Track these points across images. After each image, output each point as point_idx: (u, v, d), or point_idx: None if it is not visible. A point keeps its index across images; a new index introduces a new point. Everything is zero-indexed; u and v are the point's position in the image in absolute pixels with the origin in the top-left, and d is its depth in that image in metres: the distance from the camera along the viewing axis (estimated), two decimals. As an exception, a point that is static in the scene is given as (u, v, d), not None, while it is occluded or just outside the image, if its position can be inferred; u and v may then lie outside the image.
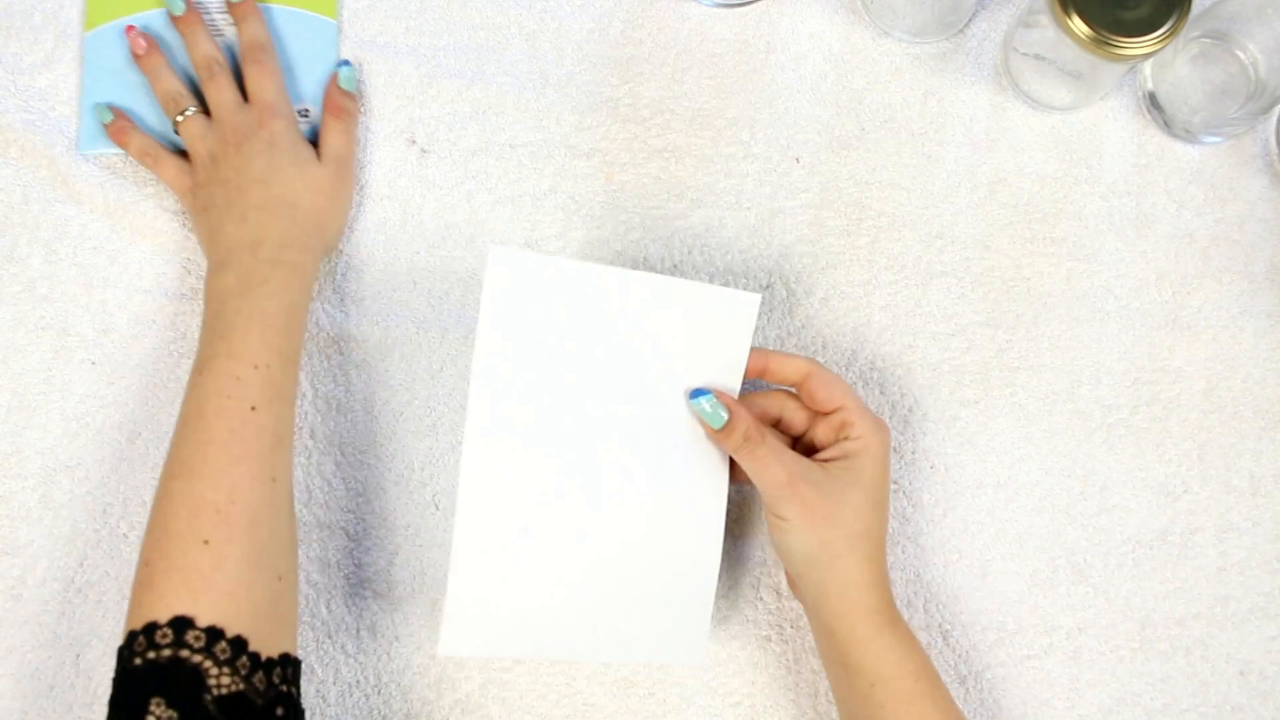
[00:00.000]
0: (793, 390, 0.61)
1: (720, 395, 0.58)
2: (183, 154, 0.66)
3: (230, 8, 0.68)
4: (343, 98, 0.67)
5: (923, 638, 0.64)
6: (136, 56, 0.67)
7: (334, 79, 0.68)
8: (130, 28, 0.67)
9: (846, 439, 0.58)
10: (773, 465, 0.56)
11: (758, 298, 0.59)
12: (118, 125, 0.66)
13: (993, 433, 0.67)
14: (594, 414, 0.58)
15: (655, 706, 0.64)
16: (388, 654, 0.64)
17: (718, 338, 0.59)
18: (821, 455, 0.59)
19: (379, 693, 0.63)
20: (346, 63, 0.68)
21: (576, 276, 0.57)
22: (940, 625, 0.65)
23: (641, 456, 0.59)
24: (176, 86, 0.66)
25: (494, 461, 0.57)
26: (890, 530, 0.66)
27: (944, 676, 0.64)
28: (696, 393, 0.58)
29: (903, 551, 0.66)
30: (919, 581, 0.65)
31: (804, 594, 0.58)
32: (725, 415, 0.57)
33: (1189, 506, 0.67)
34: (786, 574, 0.63)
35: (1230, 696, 0.65)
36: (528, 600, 0.58)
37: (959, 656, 0.65)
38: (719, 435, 0.58)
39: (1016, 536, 0.66)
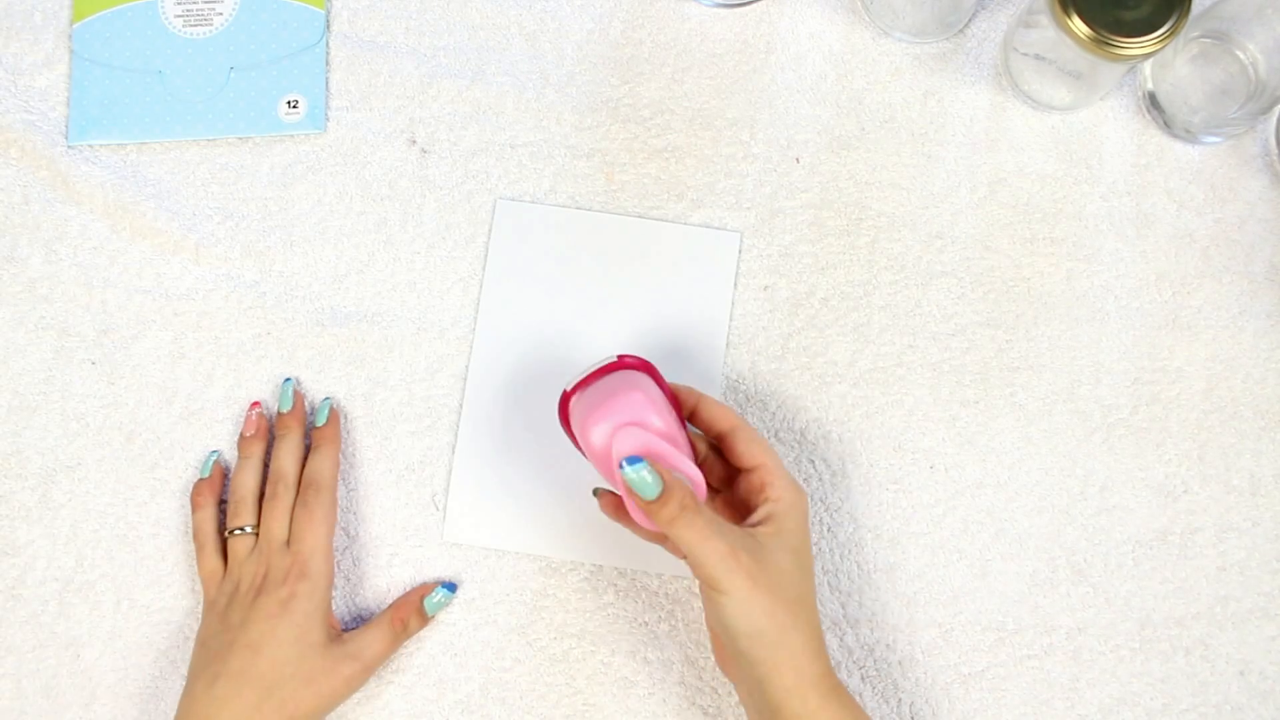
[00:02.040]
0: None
1: (654, 461, 0.52)
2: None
3: (313, 431, 0.65)
4: (415, 616, 0.63)
5: (923, 637, 0.64)
6: (243, 436, 0.65)
7: (419, 597, 0.63)
8: (256, 404, 0.65)
9: (768, 500, 0.55)
10: (712, 536, 0.52)
11: (737, 235, 0.67)
12: (201, 487, 0.64)
13: (993, 432, 0.67)
14: (588, 339, 0.66)
15: (655, 706, 0.64)
16: (388, 654, 0.64)
17: (704, 274, 0.66)
18: (748, 521, 0.55)
19: (380, 693, 0.63)
20: (450, 587, 0.64)
21: (570, 221, 0.67)
22: (940, 624, 0.65)
23: None
24: (250, 490, 0.63)
25: (495, 377, 0.66)
26: (893, 531, 0.66)
27: (945, 676, 0.64)
28: (630, 460, 0.52)
29: (903, 552, 0.66)
30: (920, 580, 0.65)
31: (747, 671, 0.54)
32: (659, 485, 0.51)
33: (1189, 506, 0.67)
34: (718, 654, 0.59)
35: (1230, 696, 0.65)
36: (520, 500, 0.65)
37: (959, 656, 0.65)
38: (652, 506, 0.52)
39: (1016, 536, 0.66)
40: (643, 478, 0.51)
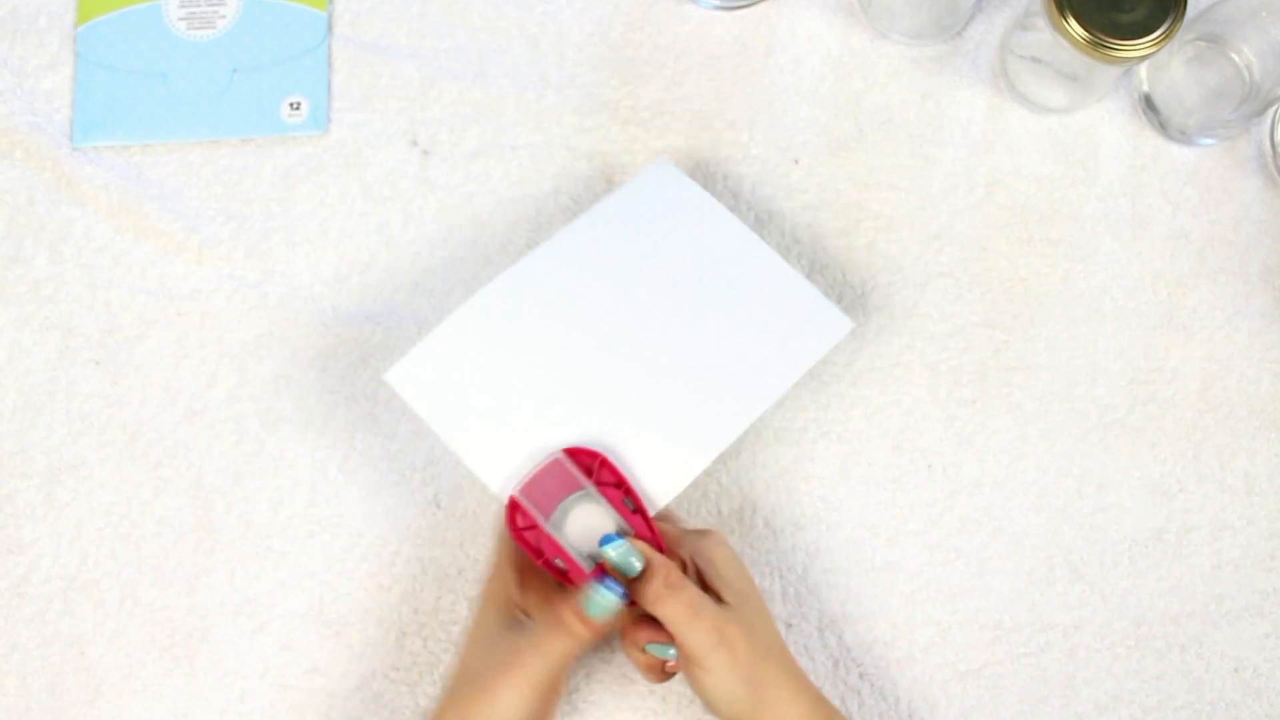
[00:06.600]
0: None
1: (633, 540, 0.52)
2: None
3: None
4: (578, 621, 0.51)
5: (921, 635, 0.65)
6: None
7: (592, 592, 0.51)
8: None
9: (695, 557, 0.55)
10: (701, 611, 0.51)
11: (849, 324, 0.60)
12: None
13: (990, 432, 0.68)
14: (642, 320, 0.59)
15: (655, 705, 0.64)
16: (391, 651, 0.64)
17: (792, 335, 0.60)
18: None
19: (382, 691, 0.64)
20: (614, 537, 0.53)
21: (705, 212, 0.61)
22: (938, 622, 0.65)
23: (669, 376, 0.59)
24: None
25: (530, 289, 0.60)
26: (891, 530, 0.66)
27: (941, 674, 0.64)
28: (606, 538, 0.51)
29: (901, 550, 0.66)
30: (917, 579, 0.66)
31: None
32: (638, 563, 0.51)
33: (1184, 505, 0.67)
34: None
35: (1225, 694, 0.65)
36: (487, 400, 0.58)
37: (956, 654, 0.65)
38: (636, 585, 0.51)
39: (1013, 535, 0.66)
40: (614, 556, 0.51)
